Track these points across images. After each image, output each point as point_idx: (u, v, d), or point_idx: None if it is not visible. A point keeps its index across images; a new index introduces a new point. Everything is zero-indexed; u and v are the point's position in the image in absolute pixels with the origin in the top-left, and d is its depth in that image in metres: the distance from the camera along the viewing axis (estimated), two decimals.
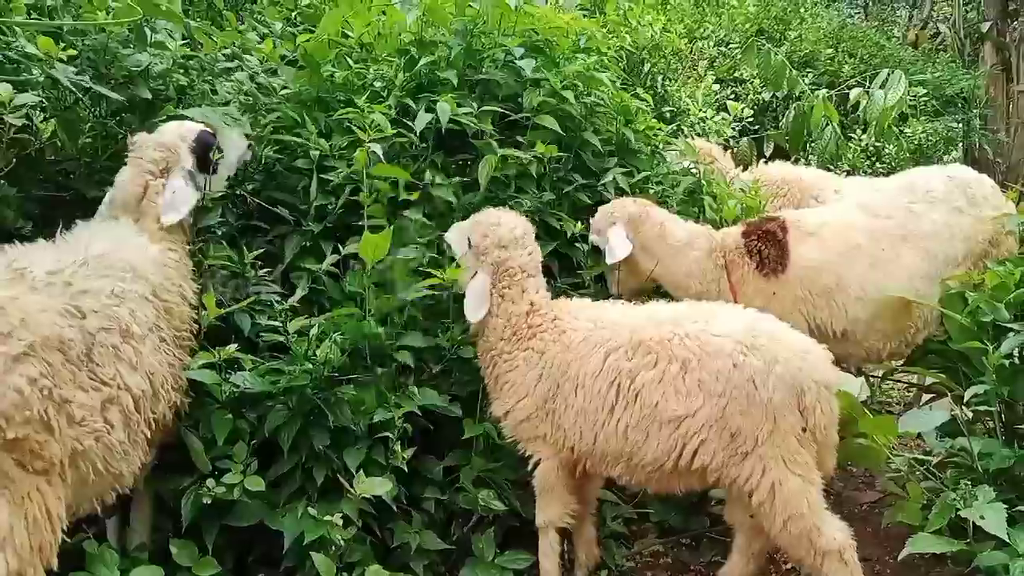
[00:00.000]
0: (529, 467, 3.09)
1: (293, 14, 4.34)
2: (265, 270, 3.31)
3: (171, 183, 3.00)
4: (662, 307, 3.06)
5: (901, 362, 4.06)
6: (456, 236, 3.21)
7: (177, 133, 3.10)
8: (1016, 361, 3.28)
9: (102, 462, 2.37)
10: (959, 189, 3.73)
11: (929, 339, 3.80)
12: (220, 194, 3.34)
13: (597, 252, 3.77)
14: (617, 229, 3.59)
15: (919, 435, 3.36)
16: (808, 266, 3.61)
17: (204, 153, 3.16)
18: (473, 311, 3.01)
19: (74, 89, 3.14)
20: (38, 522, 2.16)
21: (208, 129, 3.20)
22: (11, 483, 2.12)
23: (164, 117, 3.31)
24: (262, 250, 3.38)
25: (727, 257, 3.67)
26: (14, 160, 3.09)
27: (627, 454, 2.83)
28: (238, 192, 3.54)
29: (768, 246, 3.63)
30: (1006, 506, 2.72)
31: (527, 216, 3.55)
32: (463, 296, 3.11)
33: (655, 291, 3.91)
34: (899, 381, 4.97)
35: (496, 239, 3.08)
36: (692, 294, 3.66)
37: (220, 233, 3.37)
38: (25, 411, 2.11)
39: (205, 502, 2.80)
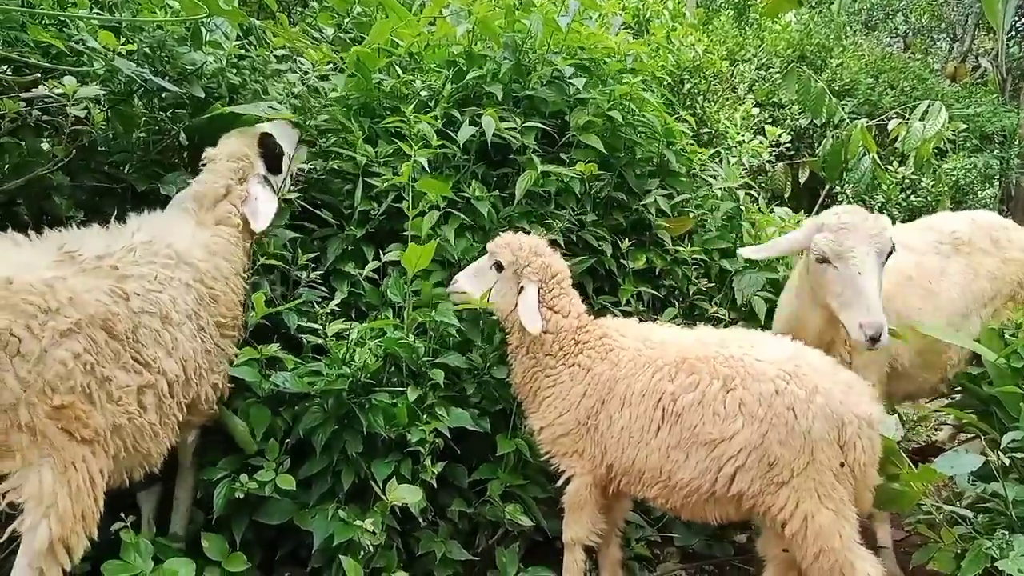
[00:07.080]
0: (560, 482, 3.08)
1: (345, 21, 4.38)
2: (316, 272, 3.35)
3: (252, 190, 3.14)
4: (710, 331, 3.08)
5: (933, 405, 4.03)
6: (472, 275, 3.16)
7: (243, 141, 3.23)
8: None
9: (131, 440, 2.44)
10: (982, 231, 3.81)
11: (959, 379, 3.77)
12: (293, 195, 3.43)
13: (640, 275, 3.83)
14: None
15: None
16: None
17: (271, 155, 3.28)
18: (531, 322, 2.97)
19: (137, 80, 3.20)
20: (81, 490, 2.22)
21: (267, 131, 3.29)
22: (56, 451, 2.19)
23: (214, 113, 3.37)
24: (315, 253, 3.42)
25: None
26: (73, 151, 3.16)
27: (667, 473, 2.82)
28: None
29: None
30: None
31: (563, 234, 3.58)
32: (493, 316, 3.16)
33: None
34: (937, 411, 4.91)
35: (530, 247, 3.08)
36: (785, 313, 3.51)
37: (275, 234, 3.41)
38: (69, 382, 2.19)
39: (237, 496, 2.83)
